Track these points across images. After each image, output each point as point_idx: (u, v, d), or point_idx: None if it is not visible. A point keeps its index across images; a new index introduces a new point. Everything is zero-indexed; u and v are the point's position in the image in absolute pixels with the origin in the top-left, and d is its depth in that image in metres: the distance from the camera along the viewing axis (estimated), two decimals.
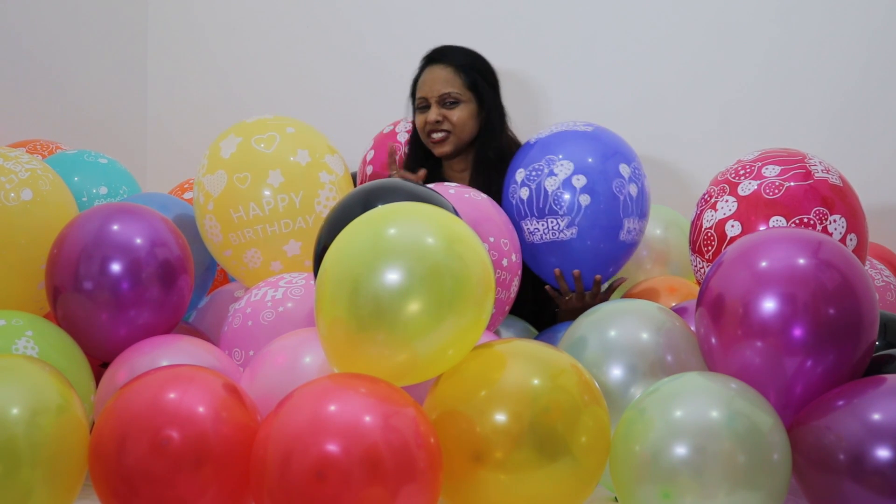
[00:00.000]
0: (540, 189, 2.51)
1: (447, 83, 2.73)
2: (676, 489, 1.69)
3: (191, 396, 1.73)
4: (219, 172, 2.54)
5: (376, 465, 1.61)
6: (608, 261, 2.54)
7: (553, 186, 2.50)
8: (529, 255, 2.58)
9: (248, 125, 2.61)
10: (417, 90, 2.78)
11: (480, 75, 2.75)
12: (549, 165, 2.52)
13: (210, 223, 2.55)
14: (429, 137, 2.75)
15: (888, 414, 1.66)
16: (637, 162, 2.59)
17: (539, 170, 2.53)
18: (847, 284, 1.81)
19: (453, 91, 2.72)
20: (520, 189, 2.56)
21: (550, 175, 2.51)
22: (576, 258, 2.51)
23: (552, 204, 2.50)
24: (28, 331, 2.16)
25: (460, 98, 2.72)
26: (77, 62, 3.89)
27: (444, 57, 2.77)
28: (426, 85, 2.76)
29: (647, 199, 2.61)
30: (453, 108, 2.72)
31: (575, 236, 2.50)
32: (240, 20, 4.08)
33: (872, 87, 3.26)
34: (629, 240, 2.55)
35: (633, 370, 2.01)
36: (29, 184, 2.38)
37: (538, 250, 2.56)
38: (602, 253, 2.52)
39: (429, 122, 2.73)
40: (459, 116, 2.72)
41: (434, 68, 2.76)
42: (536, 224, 2.53)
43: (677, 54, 3.45)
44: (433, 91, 2.73)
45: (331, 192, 2.55)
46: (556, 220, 2.50)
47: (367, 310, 1.72)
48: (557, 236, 2.51)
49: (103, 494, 1.72)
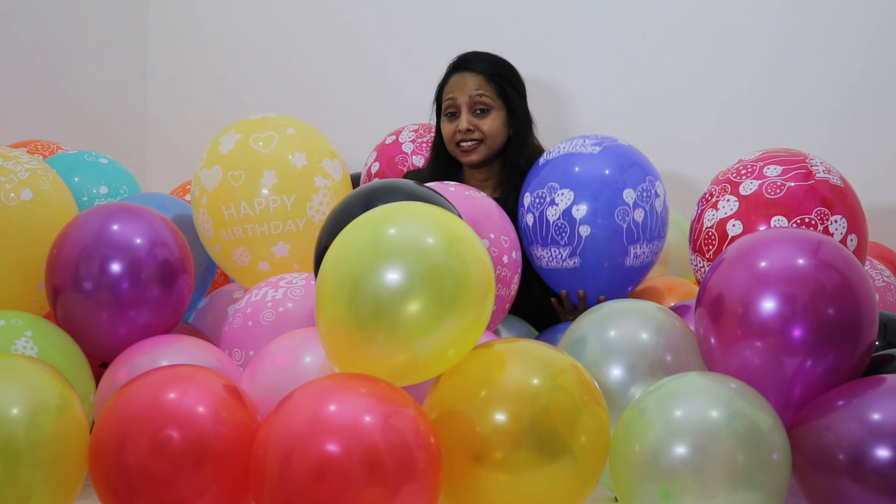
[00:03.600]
0: (542, 218, 2.48)
1: (478, 90, 2.68)
2: (676, 489, 1.69)
3: (191, 396, 1.73)
4: (215, 168, 2.53)
5: (376, 465, 1.61)
6: (619, 284, 2.51)
7: (554, 216, 2.46)
8: (542, 276, 2.57)
9: (251, 122, 2.61)
10: (444, 96, 2.72)
11: (509, 83, 2.71)
12: (551, 194, 2.47)
13: (203, 217, 2.56)
14: (458, 146, 2.69)
15: (888, 414, 1.66)
16: (648, 183, 2.49)
17: (542, 197, 2.49)
18: (846, 285, 1.81)
19: (484, 98, 2.67)
20: (526, 215, 2.53)
21: (552, 204, 2.46)
22: (584, 284, 2.49)
23: (553, 234, 2.46)
24: (28, 331, 2.16)
25: (491, 106, 2.68)
26: (77, 62, 3.89)
27: (472, 64, 2.72)
28: (455, 91, 2.70)
29: (662, 220, 2.52)
30: (484, 116, 2.68)
31: (579, 265, 2.46)
32: (240, 20, 4.08)
33: (872, 87, 3.26)
34: (638, 264, 2.50)
35: (633, 370, 2.01)
36: (29, 184, 2.38)
37: (548, 274, 2.54)
38: (611, 278, 2.48)
39: (459, 131, 2.67)
40: (491, 125, 2.67)
41: (463, 75, 2.71)
42: (542, 251, 2.51)
43: (677, 54, 3.45)
44: (463, 98, 2.68)
45: (325, 197, 2.54)
46: (559, 249, 2.47)
47: (368, 310, 1.72)
48: (562, 265, 2.48)
49: (103, 494, 1.72)
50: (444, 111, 2.72)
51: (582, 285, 2.49)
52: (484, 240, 2.30)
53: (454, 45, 2.88)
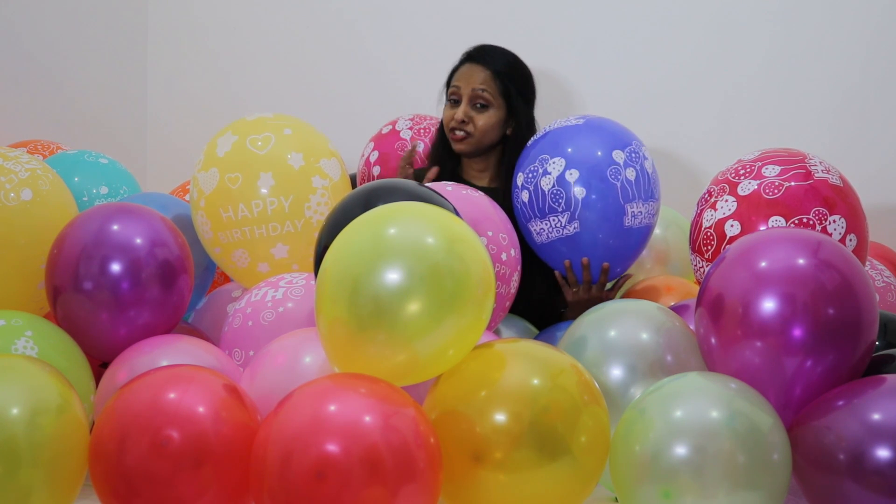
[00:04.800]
0: (537, 190, 2.53)
1: (481, 85, 2.73)
2: (676, 489, 1.69)
3: (191, 396, 1.73)
4: (212, 170, 2.53)
5: (376, 465, 1.61)
6: (620, 249, 2.54)
7: (548, 185, 2.51)
8: (543, 255, 2.60)
9: (248, 123, 2.60)
10: (451, 82, 2.80)
11: (515, 85, 2.75)
12: (543, 165, 2.53)
13: (201, 220, 2.56)
14: (451, 133, 2.76)
15: (888, 414, 1.66)
16: (634, 146, 2.56)
17: (534, 171, 2.54)
18: (846, 284, 1.81)
19: (485, 94, 2.72)
20: (521, 193, 2.58)
21: (545, 174, 2.52)
22: (586, 250, 2.52)
23: (550, 202, 2.51)
24: (28, 331, 2.16)
25: (490, 103, 2.73)
26: (77, 62, 3.89)
27: (485, 57, 2.77)
28: (461, 80, 2.76)
29: (654, 181, 2.58)
30: (482, 111, 2.73)
31: (579, 230, 2.50)
32: (240, 20, 4.08)
33: (872, 87, 3.26)
34: (637, 224, 2.54)
35: (633, 370, 2.01)
36: (29, 184, 2.38)
37: (549, 249, 2.57)
38: (612, 242, 2.52)
39: (455, 119, 2.74)
40: (485, 122, 2.73)
41: (473, 66, 2.76)
42: (541, 224, 2.54)
43: (677, 53, 3.45)
44: (466, 89, 2.74)
45: (323, 198, 2.54)
46: (557, 217, 2.51)
47: (368, 310, 1.72)
48: (562, 233, 2.52)
49: (103, 494, 1.72)
50: (449, 96, 2.79)
51: (585, 253, 2.52)
52: (482, 237, 2.30)
53: (453, 42, 2.89)
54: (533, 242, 2.60)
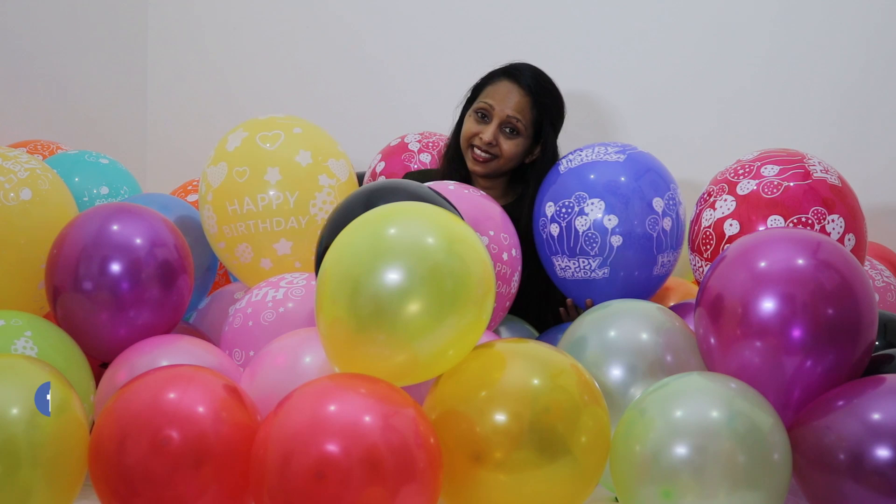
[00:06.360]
0: (570, 228, 2.43)
1: (517, 114, 2.62)
2: (677, 489, 1.69)
3: (191, 396, 1.73)
4: (221, 164, 2.55)
5: (376, 465, 1.61)
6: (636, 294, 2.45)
7: (584, 226, 2.41)
8: (561, 285, 2.53)
9: (259, 122, 2.62)
10: (482, 96, 2.66)
11: (549, 116, 2.64)
12: (580, 203, 2.42)
13: (208, 213, 2.57)
14: (471, 149, 2.65)
15: (888, 414, 1.67)
16: (672, 190, 2.48)
17: (569, 207, 2.43)
18: (846, 284, 1.81)
19: (519, 124, 2.61)
20: (550, 224, 2.47)
21: (581, 214, 2.41)
22: (607, 294, 2.43)
23: (584, 244, 2.41)
24: (27, 331, 2.15)
25: (521, 133, 2.63)
26: (77, 62, 3.89)
27: (525, 79, 2.64)
28: (495, 98, 2.63)
29: (682, 228, 2.51)
30: (511, 138, 2.62)
31: (607, 275, 2.43)
32: (240, 20, 4.08)
33: (872, 87, 3.26)
34: (662, 273, 2.48)
35: (633, 370, 2.01)
36: (28, 183, 2.38)
37: (569, 285, 2.50)
38: (633, 288, 2.44)
39: (482, 139, 2.62)
40: (512, 150, 2.62)
41: (511, 87, 2.64)
42: (568, 262, 2.45)
43: (677, 54, 3.45)
44: (500, 110, 2.62)
45: (329, 196, 2.54)
46: (588, 260, 2.42)
47: (368, 310, 1.72)
48: (589, 276, 2.44)
49: (103, 494, 1.73)
50: (476, 108, 2.66)
51: (605, 296, 2.41)
52: (483, 237, 2.30)
53: (457, 50, 2.88)
54: (553, 274, 2.52)
